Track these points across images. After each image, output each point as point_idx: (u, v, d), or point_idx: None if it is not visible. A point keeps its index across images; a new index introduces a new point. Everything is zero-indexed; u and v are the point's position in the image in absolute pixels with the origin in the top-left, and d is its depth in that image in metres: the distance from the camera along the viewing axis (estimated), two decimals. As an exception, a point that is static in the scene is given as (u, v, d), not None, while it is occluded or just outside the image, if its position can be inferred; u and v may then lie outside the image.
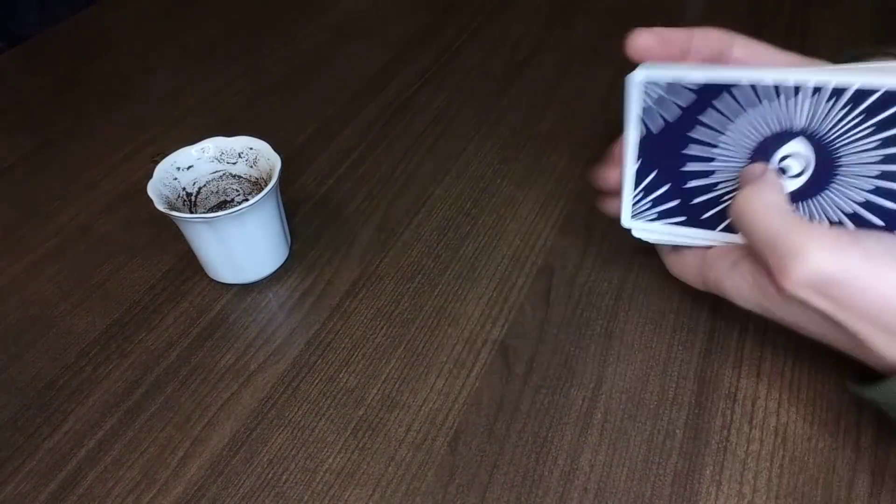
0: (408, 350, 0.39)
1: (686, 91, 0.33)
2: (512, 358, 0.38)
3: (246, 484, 0.34)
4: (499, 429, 0.35)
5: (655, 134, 0.35)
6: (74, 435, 0.37)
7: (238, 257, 0.42)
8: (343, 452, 0.35)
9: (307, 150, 0.55)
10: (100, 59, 0.68)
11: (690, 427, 0.35)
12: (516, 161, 0.52)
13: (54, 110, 0.62)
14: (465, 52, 0.65)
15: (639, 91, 0.35)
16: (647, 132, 0.36)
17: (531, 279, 0.43)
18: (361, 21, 0.71)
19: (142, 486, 0.34)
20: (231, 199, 0.46)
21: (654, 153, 0.36)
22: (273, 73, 0.64)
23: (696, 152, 0.35)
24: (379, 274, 0.44)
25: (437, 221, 0.47)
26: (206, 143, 0.44)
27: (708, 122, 0.34)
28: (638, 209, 0.38)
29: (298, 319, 0.42)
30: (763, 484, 0.32)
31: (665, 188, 0.36)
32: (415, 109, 0.58)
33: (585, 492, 0.33)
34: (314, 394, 0.38)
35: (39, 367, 0.40)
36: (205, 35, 0.71)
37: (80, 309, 0.43)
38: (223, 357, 0.40)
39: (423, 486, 0.33)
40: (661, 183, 0.36)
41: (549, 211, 0.47)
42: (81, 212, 0.51)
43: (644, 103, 0.35)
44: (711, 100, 0.33)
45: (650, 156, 0.36)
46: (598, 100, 0.57)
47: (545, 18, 0.69)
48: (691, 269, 0.37)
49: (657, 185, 0.36)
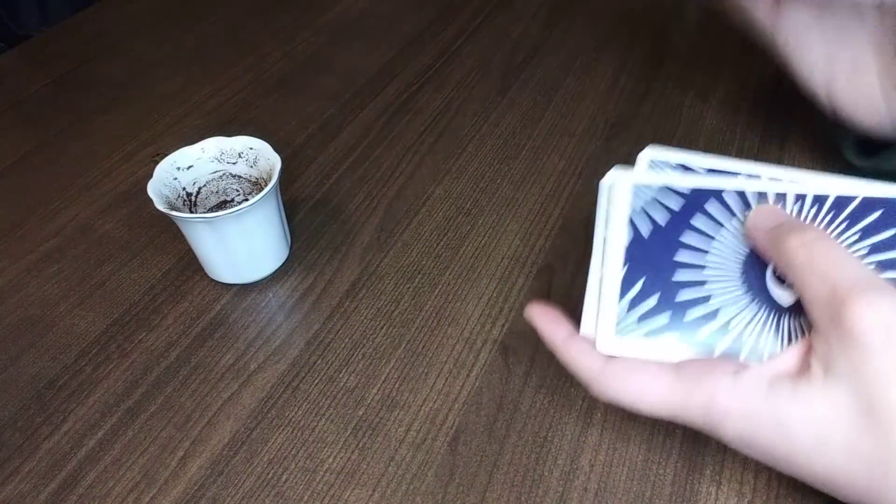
0: (408, 350, 0.39)
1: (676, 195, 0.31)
2: (512, 358, 0.38)
3: (246, 484, 0.34)
4: (499, 429, 0.35)
5: (645, 238, 0.32)
6: (74, 435, 0.37)
7: (238, 257, 0.42)
8: (343, 452, 0.35)
9: (307, 150, 0.55)
10: (100, 59, 0.68)
11: (690, 427, 0.35)
12: (516, 161, 0.52)
13: (54, 110, 0.62)
14: (465, 52, 0.65)
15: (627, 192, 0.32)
16: (635, 236, 0.32)
17: (531, 279, 0.43)
18: (361, 21, 0.71)
19: (142, 486, 0.34)
20: (231, 199, 0.46)
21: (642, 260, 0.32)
22: (273, 73, 0.64)
23: (688, 259, 0.31)
24: (379, 274, 0.44)
25: (437, 221, 0.47)
26: (206, 143, 0.44)
27: (699, 227, 0.31)
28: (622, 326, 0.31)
29: (298, 319, 0.42)
30: (763, 484, 0.32)
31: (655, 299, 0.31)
32: (415, 109, 0.58)
33: (585, 492, 0.33)
34: (314, 394, 0.38)
35: (39, 367, 0.40)
36: (205, 35, 0.71)
37: (80, 309, 0.43)
38: (223, 357, 0.40)
39: (423, 486, 0.33)
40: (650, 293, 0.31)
41: (549, 211, 0.47)
42: (81, 212, 0.51)
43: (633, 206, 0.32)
44: (702, 204, 0.31)
45: (637, 262, 0.32)
46: (598, 100, 0.57)
47: (545, 18, 0.69)
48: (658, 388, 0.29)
49: (646, 295, 0.31)
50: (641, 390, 0.29)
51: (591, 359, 0.30)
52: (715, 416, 0.27)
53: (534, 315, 0.32)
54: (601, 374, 0.30)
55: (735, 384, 0.27)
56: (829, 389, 0.25)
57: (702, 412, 0.27)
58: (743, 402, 0.27)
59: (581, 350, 0.31)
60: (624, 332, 0.31)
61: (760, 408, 0.26)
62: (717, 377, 0.27)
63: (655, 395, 0.28)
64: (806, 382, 0.26)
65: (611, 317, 0.31)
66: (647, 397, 0.29)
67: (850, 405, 0.25)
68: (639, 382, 0.29)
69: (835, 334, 0.25)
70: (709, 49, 0.62)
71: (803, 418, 0.25)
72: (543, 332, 0.32)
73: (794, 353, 0.28)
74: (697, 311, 0.31)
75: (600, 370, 0.30)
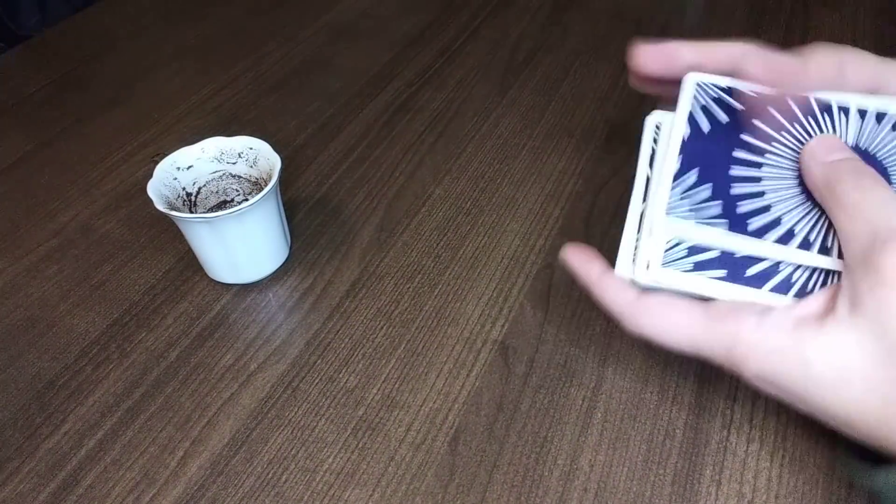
0: (408, 350, 0.39)
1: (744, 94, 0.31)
2: (512, 358, 0.38)
3: (246, 484, 0.34)
4: (499, 429, 0.35)
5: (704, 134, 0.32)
6: (74, 435, 0.37)
7: (238, 257, 0.42)
8: (343, 452, 0.35)
9: (307, 150, 0.55)
10: (100, 59, 0.68)
11: (690, 427, 0.35)
12: (516, 161, 0.52)
13: (54, 110, 0.62)
14: (465, 52, 0.65)
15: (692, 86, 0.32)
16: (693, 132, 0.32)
17: (531, 279, 0.43)
18: (361, 21, 0.71)
19: (142, 486, 0.34)
20: (231, 199, 0.46)
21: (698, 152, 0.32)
22: (273, 73, 0.64)
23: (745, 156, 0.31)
24: (379, 274, 0.44)
25: (437, 221, 0.47)
26: (206, 143, 0.44)
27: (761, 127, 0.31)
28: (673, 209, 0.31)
29: (298, 319, 0.42)
30: (763, 484, 0.32)
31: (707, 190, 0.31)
32: (415, 109, 0.58)
33: (585, 492, 0.33)
34: (314, 394, 0.38)
35: (39, 367, 0.40)
36: (205, 35, 0.71)
37: (80, 309, 0.43)
38: (223, 357, 0.40)
39: (423, 486, 0.33)
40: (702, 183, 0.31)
41: (549, 211, 0.47)
42: (81, 212, 0.51)
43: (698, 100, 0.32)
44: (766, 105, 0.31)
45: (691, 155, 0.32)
46: (598, 100, 0.57)
47: (545, 18, 0.69)
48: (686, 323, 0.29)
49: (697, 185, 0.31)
50: (670, 324, 0.30)
51: (624, 294, 0.31)
52: (738, 353, 0.28)
53: (568, 254, 0.34)
54: (633, 308, 0.31)
55: (761, 322, 0.28)
56: (854, 325, 0.26)
57: (725, 348, 0.28)
58: (767, 338, 0.27)
59: (614, 286, 0.31)
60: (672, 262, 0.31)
61: (784, 345, 0.27)
62: (744, 315, 0.28)
63: (683, 329, 0.29)
64: (831, 320, 0.26)
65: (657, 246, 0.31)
66: (674, 331, 0.30)
67: (872, 341, 0.25)
68: (668, 317, 0.30)
69: (865, 273, 0.26)
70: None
71: (826, 353, 0.26)
72: (578, 270, 0.33)
73: (820, 296, 0.28)
74: (749, 205, 0.31)
75: (632, 304, 0.31)
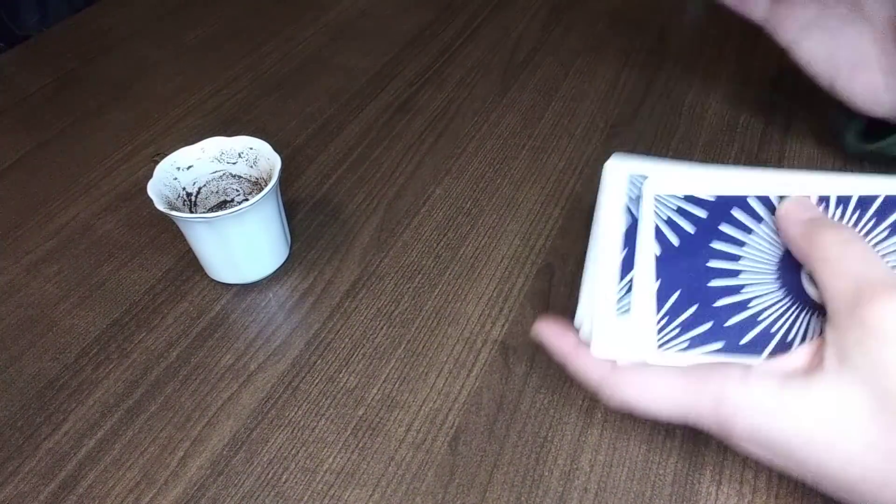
0: (408, 350, 0.39)
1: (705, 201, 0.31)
2: (512, 358, 0.38)
3: (246, 484, 0.34)
4: (499, 429, 0.35)
5: (675, 247, 0.31)
6: (74, 435, 0.37)
7: (238, 257, 0.42)
8: (343, 452, 0.35)
9: (307, 150, 0.55)
10: (100, 59, 0.68)
11: (690, 427, 0.35)
12: (516, 161, 0.52)
13: (54, 110, 0.62)
14: (465, 52, 0.65)
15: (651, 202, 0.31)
16: (665, 248, 0.31)
17: (531, 279, 0.43)
18: (361, 21, 0.71)
19: (142, 486, 0.34)
20: (231, 199, 0.46)
21: (674, 269, 0.31)
22: (273, 73, 0.64)
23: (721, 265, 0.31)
24: (379, 274, 0.44)
25: (437, 221, 0.47)
26: (206, 143, 0.44)
27: (729, 233, 0.31)
28: (664, 337, 0.31)
29: (298, 319, 0.42)
30: (763, 484, 0.32)
31: (694, 309, 0.31)
32: (415, 109, 0.58)
33: (585, 492, 0.33)
34: (314, 394, 0.38)
35: (39, 367, 0.40)
36: (205, 35, 0.71)
37: (80, 309, 0.43)
38: (223, 357, 0.40)
39: (423, 486, 0.33)
40: (689, 303, 0.31)
41: (549, 211, 0.47)
42: (81, 212, 0.51)
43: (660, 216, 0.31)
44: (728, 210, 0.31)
45: (670, 274, 0.31)
46: (598, 100, 0.57)
47: (545, 18, 0.69)
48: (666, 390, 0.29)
49: (684, 306, 0.31)
50: (650, 393, 0.29)
51: (599, 367, 0.30)
52: (725, 413, 0.27)
53: (540, 331, 0.33)
54: (610, 381, 0.30)
55: (745, 380, 0.27)
56: (844, 380, 0.25)
57: (712, 410, 0.27)
58: (754, 396, 0.26)
59: (590, 359, 0.31)
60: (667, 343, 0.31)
61: (772, 402, 0.26)
62: (726, 375, 0.28)
63: (664, 397, 0.29)
64: (819, 375, 0.26)
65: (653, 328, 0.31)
66: (656, 400, 0.29)
67: (864, 393, 0.25)
68: (648, 386, 0.29)
69: (852, 326, 0.25)
70: (709, 49, 0.62)
71: (816, 409, 0.25)
72: (551, 346, 0.32)
73: (804, 351, 0.28)
74: (737, 317, 0.30)
75: (609, 377, 0.30)
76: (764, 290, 0.31)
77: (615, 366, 0.30)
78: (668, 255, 0.31)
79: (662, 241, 0.31)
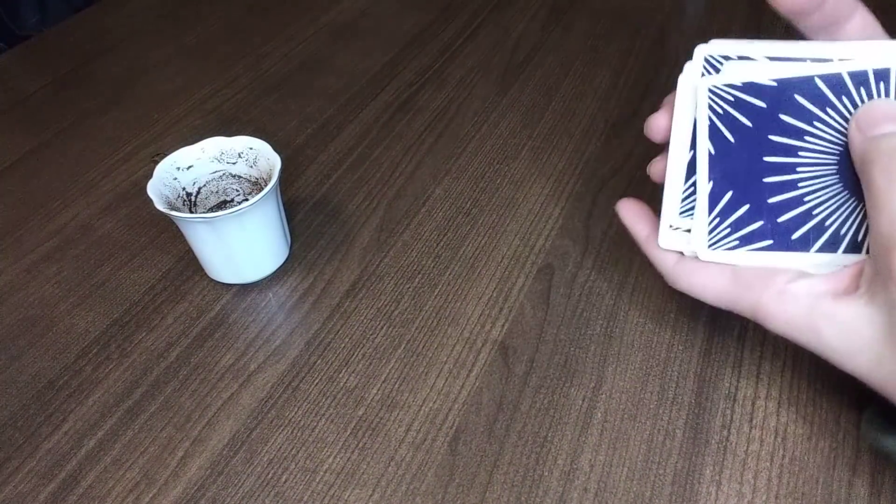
0: (408, 350, 0.39)
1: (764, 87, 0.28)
2: (512, 358, 0.38)
3: (246, 484, 0.34)
4: (499, 429, 0.35)
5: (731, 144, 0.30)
6: (74, 435, 0.37)
7: (238, 257, 0.42)
8: (343, 452, 0.35)
9: (307, 150, 0.55)
10: (100, 59, 0.68)
11: (690, 427, 0.35)
12: (516, 161, 0.52)
13: (54, 110, 0.62)
14: (465, 52, 0.65)
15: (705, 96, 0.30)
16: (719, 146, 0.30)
17: (531, 279, 0.43)
18: (361, 21, 0.71)
19: (142, 486, 0.34)
20: (231, 199, 0.46)
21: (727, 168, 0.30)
22: (273, 73, 0.64)
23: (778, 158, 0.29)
24: (379, 274, 0.44)
25: (437, 221, 0.47)
26: (206, 143, 0.44)
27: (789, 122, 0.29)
28: (715, 237, 0.32)
29: (298, 319, 0.42)
30: (763, 484, 0.32)
31: (745, 209, 0.31)
32: (415, 109, 0.58)
33: (585, 492, 0.33)
34: (314, 394, 0.38)
35: (39, 367, 0.40)
36: (205, 35, 0.71)
37: (80, 309, 0.43)
38: (223, 357, 0.40)
39: (423, 486, 0.33)
40: (740, 203, 0.31)
41: (549, 211, 0.47)
42: (81, 212, 0.51)
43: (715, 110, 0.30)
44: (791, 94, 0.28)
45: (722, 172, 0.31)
46: (598, 100, 0.57)
47: (545, 18, 0.69)
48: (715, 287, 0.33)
49: (735, 206, 0.31)
50: (704, 286, 0.34)
51: (666, 257, 0.35)
52: (760, 318, 0.31)
53: (622, 209, 0.37)
54: (674, 270, 0.35)
55: (781, 296, 0.30)
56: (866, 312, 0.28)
57: (751, 313, 0.32)
58: (787, 313, 0.30)
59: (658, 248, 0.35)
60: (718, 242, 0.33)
61: (801, 322, 0.30)
62: (767, 285, 0.31)
63: (714, 291, 0.33)
64: (848, 299, 0.28)
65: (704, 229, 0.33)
66: (707, 292, 0.34)
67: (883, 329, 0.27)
68: (701, 280, 0.34)
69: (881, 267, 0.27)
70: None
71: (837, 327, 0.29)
72: (629, 226, 0.37)
73: (847, 272, 0.30)
74: (791, 213, 0.31)
75: (673, 267, 0.35)
76: (822, 182, 0.29)
77: (680, 258, 0.34)
78: (723, 154, 0.31)
79: (717, 139, 0.31)
